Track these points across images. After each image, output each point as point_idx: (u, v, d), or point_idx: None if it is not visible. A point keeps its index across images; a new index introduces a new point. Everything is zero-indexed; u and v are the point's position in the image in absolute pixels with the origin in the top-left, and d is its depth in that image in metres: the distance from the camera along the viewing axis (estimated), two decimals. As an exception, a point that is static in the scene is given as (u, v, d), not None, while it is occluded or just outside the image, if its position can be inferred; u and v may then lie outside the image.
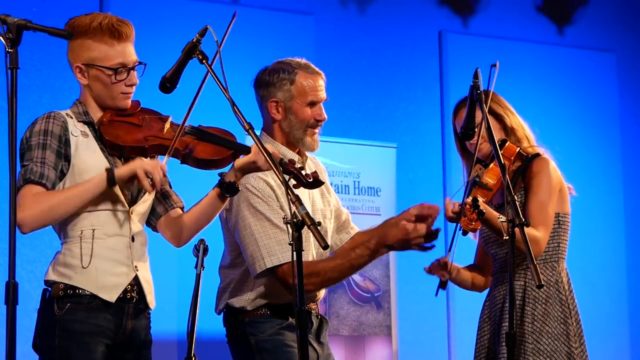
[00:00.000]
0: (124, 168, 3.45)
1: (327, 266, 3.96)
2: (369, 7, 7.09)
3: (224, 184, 3.62)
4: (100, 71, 3.53)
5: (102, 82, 3.55)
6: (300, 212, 3.20)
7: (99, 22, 3.53)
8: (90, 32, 3.52)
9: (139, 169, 3.42)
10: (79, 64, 3.55)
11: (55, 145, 3.45)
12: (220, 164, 3.63)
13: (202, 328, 4.30)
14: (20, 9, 4.12)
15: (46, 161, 3.42)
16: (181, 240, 3.69)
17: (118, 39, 3.53)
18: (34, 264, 5.63)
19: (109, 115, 3.56)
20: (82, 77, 3.56)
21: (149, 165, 3.43)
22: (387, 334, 6.33)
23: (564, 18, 7.74)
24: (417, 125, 7.12)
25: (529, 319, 4.26)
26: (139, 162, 3.45)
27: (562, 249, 4.36)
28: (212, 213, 3.67)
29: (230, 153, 3.60)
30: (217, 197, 3.64)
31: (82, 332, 3.43)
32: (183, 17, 6.22)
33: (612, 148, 7.73)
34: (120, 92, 3.57)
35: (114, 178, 3.42)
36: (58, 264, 3.50)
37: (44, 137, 3.45)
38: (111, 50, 3.53)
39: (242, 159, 3.60)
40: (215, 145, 3.60)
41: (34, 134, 3.46)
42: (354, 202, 6.31)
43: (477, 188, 4.17)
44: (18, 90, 2.93)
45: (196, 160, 3.57)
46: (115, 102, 3.58)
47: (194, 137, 3.59)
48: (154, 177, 3.42)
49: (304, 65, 4.10)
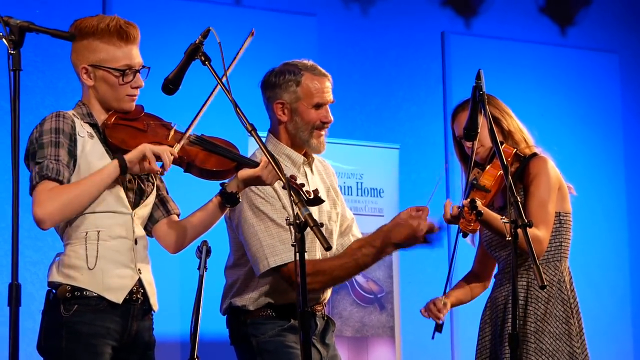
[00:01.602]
0: (133, 152, 3.44)
1: (334, 265, 3.96)
2: (371, 8, 7.09)
3: (225, 194, 3.61)
4: (107, 72, 3.53)
5: (108, 84, 3.54)
6: (302, 213, 3.21)
7: (107, 23, 3.53)
8: (98, 34, 3.52)
9: (148, 151, 3.42)
10: (85, 65, 3.54)
11: (67, 144, 3.45)
12: (223, 176, 3.62)
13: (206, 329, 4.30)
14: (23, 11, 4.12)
15: (60, 159, 3.42)
16: (176, 247, 3.68)
17: (125, 41, 3.53)
18: (37, 266, 5.63)
19: (113, 118, 3.56)
20: (88, 78, 3.55)
21: (157, 147, 3.44)
22: (390, 335, 6.33)
23: (567, 19, 7.74)
24: (419, 126, 7.11)
25: (532, 318, 4.27)
26: (147, 145, 3.45)
27: (564, 248, 4.36)
28: (211, 222, 3.65)
29: (234, 165, 3.60)
30: (217, 206, 3.63)
31: (89, 334, 3.43)
32: (186, 19, 6.22)
33: (615, 149, 7.73)
34: (126, 94, 3.56)
35: (125, 164, 3.42)
36: (63, 266, 3.48)
37: (56, 135, 3.44)
38: (118, 52, 3.53)
39: (247, 171, 3.59)
40: (220, 156, 3.60)
41: (44, 133, 3.44)
42: (357, 203, 6.31)
43: (475, 190, 4.19)
44: (21, 92, 2.93)
45: (200, 170, 3.56)
46: (120, 104, 3.57)
47: (199, 147, 3.59)
48: (163, 159, 3.42)
49: (310, 67, 4.10)
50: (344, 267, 3.96)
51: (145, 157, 3.42)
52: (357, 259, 3.97)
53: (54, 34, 3.06)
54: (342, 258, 4.00)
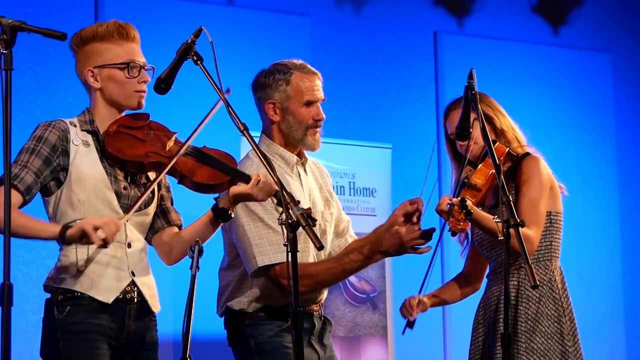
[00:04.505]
0: (74, 227, 3.37)
1: (320, 269, 3.97)
2: (364, 8, 7.09)
3: (217, 209, 3.61)
4: (112, 69, 3.56)
5: (115, 81, 3.57)
6: (294, 213, 3.21)
7: (105, 26, 3.58)
8: (98, 37, 3.56)
9: (87, 225, 3.33)
10: (89, 67, 3.57)
11: (46, 153, 3.47)
12: (217, 189, 3.61)
13: (198, 329, 4.30)
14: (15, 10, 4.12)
15: (29, 165, 3.45)
16: (171, 259, 3.69)
17: (126, 38, 3.58)
18: (29, 266, 5.63)
19: (115, 126, 3.57)
20: (94, 81, 3.58)
21: (98, 220, 3.35)
22: (383, 335, 6.33)
23: (559, 18, 7.74)
24: (412, 125, 7.12)
25: (522, 318, 4.27)
26: (88, 219, 3.39)
27: (554, 248, 4.36)
28: (204, 236, 3.64)
29: (228, 179, 3.57)
30: (209, 221, 3.63)
31: (83, 332, 3.46)
32: (178, 18, 6.22)
33: (608, 148, 7.74)
34: (134, 90, 3.58)
35: (64, 235, 3.38)
36: (56, 270, 3.53)
37: (37, 143, 3.48)
38: (120, 49, 3.57)
39: (238, 188, 3.58)
40: (214, 169, 3.58)
41: (29, 139, 3.51)
42: (350, 203, 6.31)
43: (466, 189, 4.19)
44: (13, 92, 2.93)
45: (192, 182, 3.55)
46: (129, 101, 3.59)
47: (194, 159, 3.58)
48: (105, 231, 3.33)
49: (300, 66, 4.10)
50: (330, 271, 3.96)
51: (84, 233, 3.34)
52: (344, 264, 3.97)
53: (45, 34, 3.06)
54: (329, 262, 4.00)
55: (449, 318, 6.95)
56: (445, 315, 6.97)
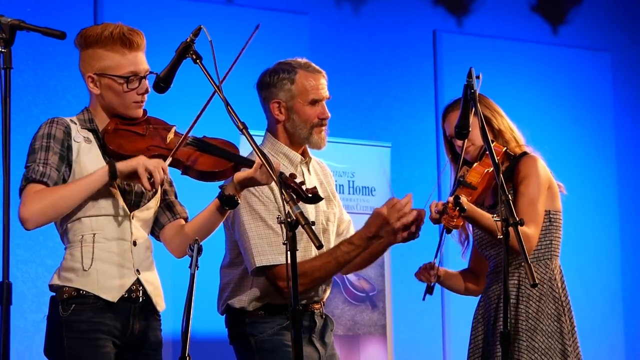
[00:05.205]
0: (126, 162, 3.44)
1: (313, 266, 3.96)
2: (363, 7, 7.09)
3: (223, 196, 3.61)
4: (112, 80, 3.55)
5: (114, 91, 3.56)
6: (294, 212, 3.21)
7: (110, 31, 3.55)
8: (102, 42, 3.54)
9: (140, 166, 3.41)
10: (90, 73, 3.57)
11: (58, 149, 3.49)
12: (221, 176, 3.61)
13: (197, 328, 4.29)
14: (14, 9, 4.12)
15: (49, 162, 3.46)
16: (180, 251, 3.69)
17: (129, 48, 3.55)
18: (28, 265, 5.63)
19: (114, 123, 3.58)
20: (94, 86, 3.58)
21: (150, 163, 3.42)
22: (382, 334, 6.33)
23: (559, 17, 7.74)
24: (411, 124, 7.12)
25: (523, 316, 4.27)
26: (141, 159, 3.44)
27: (554, 247, 4.36)
28: (213, 226, 3.65)
29: (231, 165, 3.58)
30: (216, 209, 3.63)
31: (88, 331, 3.47)
32: (177, 17, 6.22)
33: (607, 147, 7.74)
34: (133, 101, 3.58)
35: (115, 171, 3.43)
36: (61, 269, 3.54)
37: (47, 140, 3.49)
38: (123, 59, 3.55)
39: (241, 173, 3.58)
40: (216, 157, 3.58)
41: (37, 138, 3.51)
42: (349, 202, 6.31)
43: (462, 187, 4.19)
44: (12, 91, 2.93)
45: (196, 171, 3.56)
46: (127, 110, 3.59)
47: (195, 148, 3.59)
48: (155, 175, 3.41)
49: (304, 65, 4.10)
50: (325, 267, 3.96)
51: (136, 172, 3.41)
52: (337, 257, 3.97)
53: (44, 32, 3.06)
54: (322, 258, 3.99)
55: (448, 317, 6.95)
56: (445, 314, 6.97)
